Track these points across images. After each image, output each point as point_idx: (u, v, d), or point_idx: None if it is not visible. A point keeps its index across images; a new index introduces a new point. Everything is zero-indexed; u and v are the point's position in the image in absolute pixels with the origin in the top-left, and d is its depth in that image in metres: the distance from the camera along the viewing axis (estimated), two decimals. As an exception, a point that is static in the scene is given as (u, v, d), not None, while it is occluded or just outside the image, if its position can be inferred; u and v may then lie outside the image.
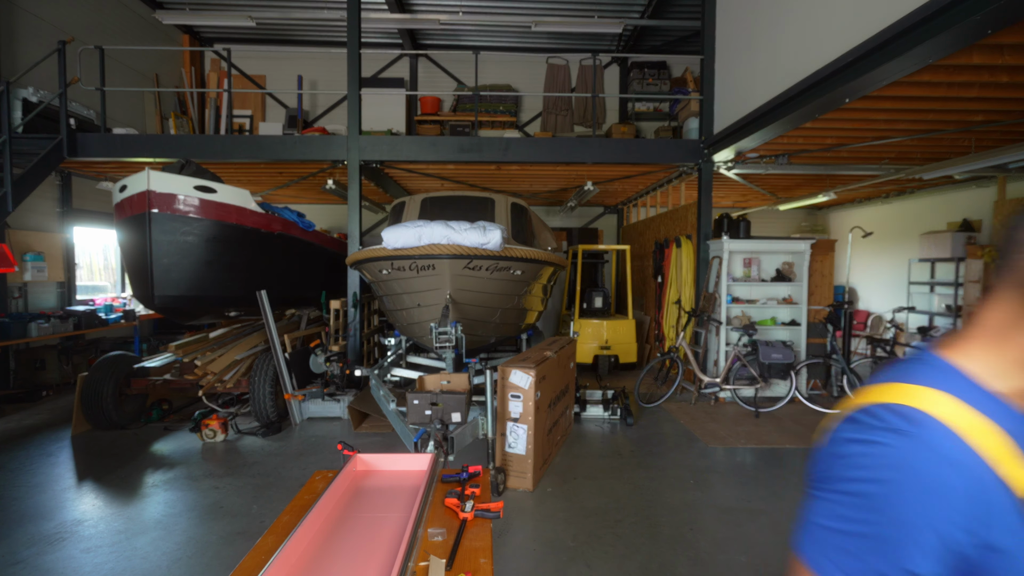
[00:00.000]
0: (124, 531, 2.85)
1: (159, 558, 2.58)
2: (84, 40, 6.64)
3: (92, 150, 5.59)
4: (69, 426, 4.61)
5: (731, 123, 5.17)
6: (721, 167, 5.99)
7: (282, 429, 4.56)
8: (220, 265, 4.84)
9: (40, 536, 2.79)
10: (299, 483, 3.36)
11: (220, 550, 2.65)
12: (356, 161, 5.68)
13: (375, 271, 4.36)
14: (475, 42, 9.08)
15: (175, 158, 5.43)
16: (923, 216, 7.68)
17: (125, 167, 6.28)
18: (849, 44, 3.39)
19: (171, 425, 4.73)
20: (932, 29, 2.76)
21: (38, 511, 3.07)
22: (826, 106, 3.83)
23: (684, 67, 9.20)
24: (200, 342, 5.02)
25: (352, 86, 5.68)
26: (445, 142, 5.78)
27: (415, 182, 7.42)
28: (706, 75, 5.78)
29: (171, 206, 4.51)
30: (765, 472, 3.68)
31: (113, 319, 6.40)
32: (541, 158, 5.85)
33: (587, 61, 8.43)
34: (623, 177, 6.97)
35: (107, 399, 4.43)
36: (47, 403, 5.44)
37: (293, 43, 9.18)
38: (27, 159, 5.20)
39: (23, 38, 6.01)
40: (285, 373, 4.63)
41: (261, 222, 5.13)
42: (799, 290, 5.70)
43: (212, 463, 3.83)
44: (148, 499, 3.26)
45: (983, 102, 3.96)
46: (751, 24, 4.89)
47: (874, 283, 8.82)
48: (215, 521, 2.95)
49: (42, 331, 5.50)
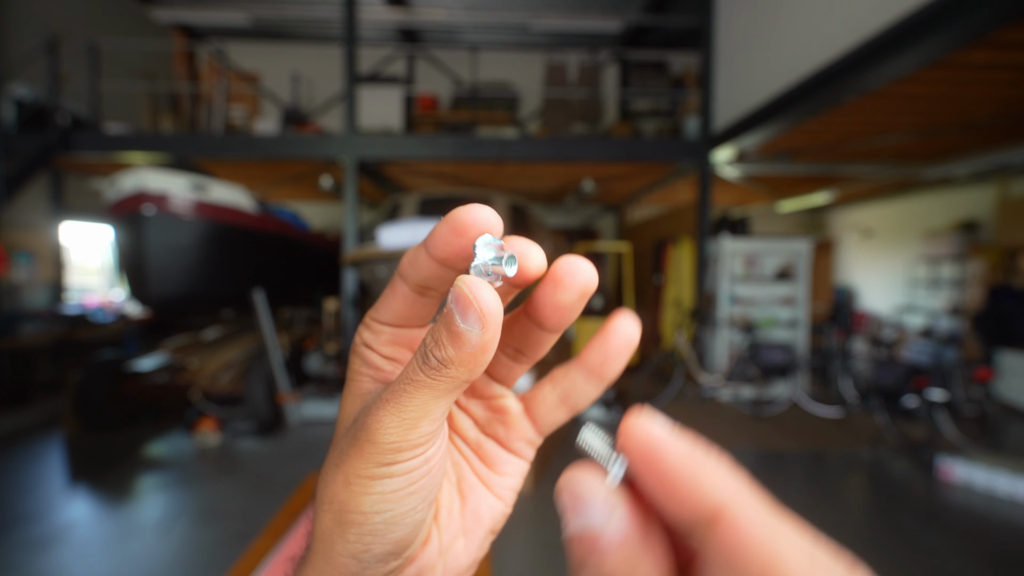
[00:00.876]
0: (117, 534, 2.80)
1: (152, 561, 2.53)
2: (77, 36, 6.58)
3: (84, 148, 5.52)
4: (60, 428, 4.54)
5: (731, 121, 5.14)
6: (721, 166, 5.96)
7: (277, 430, 4.50)
8: (215, 265, 4.79)
9: (31, 540, 2.73)
10: (294, 485, 3.31)
11: (214, 552, 2.60)
12: (353, 159, 5.63)
13: (372, 271, 4.31)
14: (473, 39, 9.05)
15: (169, 155, 5.38)
16: (924, 215, 7.67)
17: (118, 165, 6.22)
18: (850, 42, 3.36)
19: (164, 427, 4.67)
20: (934, 26, 2.73)
21: (29, 514, 3.01)
22: (827, 104, 3.80)
23: (684, 66, 9.18)
24: (194, 343, 4.97)
25: (348, 83, 5.64)
26: (443, 140, 5.74)
27: (412, 180, 7.38)
28: (706, 72, 5.75)
29: (165, 205, 4.46)
30: (765, 474, 3.65)
31: (105, 319, 6.33)
32: (540, 156, 5.81)
33: (586, 59, 8.40)
34: (622, 176, 6.94)
35: (99, 400, 4.37)
36: (37, 405, 5.38)
37: (288, 40, 9.13)
38: (19, 157, 5.13)
39: (15, 35, 5.95)
40: (280, 374, 4.58)
41: (256, 222, 5.08)
42: (799, 290, 5.67)
43: (206, 465, 3.78)
44: (141, 501, 3.21)
45: (985, 101, 3.94)
46: (752, 21, 4.87)
47: (875, 283, 8.81)
48: (209, 523, 2.90)
49: (32, 331, 5.43)
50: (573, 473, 0.18)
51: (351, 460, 0.22)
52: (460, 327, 0.19)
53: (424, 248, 0.23)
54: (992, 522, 3.00)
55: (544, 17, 7.30)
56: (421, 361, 0.21)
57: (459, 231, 0.21)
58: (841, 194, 7.70)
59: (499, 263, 0.21)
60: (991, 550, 2.70)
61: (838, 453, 4.05)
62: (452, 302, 0.20)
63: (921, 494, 3.37)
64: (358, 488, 0.22)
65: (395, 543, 0.22)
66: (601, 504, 0.16)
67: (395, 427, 0.21)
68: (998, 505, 3.17)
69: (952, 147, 5.32)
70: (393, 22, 7.50)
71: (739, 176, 6.41)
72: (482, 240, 0.21)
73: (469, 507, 0.27)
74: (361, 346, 0.26)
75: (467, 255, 0.22)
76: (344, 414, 0.26)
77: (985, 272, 6.30)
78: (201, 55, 9.13)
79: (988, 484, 3.32)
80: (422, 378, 0.20)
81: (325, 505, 0.23)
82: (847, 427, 4.63)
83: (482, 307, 0.19)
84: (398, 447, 0.21)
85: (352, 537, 0.22)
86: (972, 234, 6.64)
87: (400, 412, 0.21)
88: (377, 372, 0.26)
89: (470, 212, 0.21)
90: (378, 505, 0.21)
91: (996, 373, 4.86)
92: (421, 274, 0.23)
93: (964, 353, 5.08)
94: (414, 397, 0.21)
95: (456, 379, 0.20)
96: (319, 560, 0.23)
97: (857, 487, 3.57)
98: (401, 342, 0.26)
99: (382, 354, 0.26)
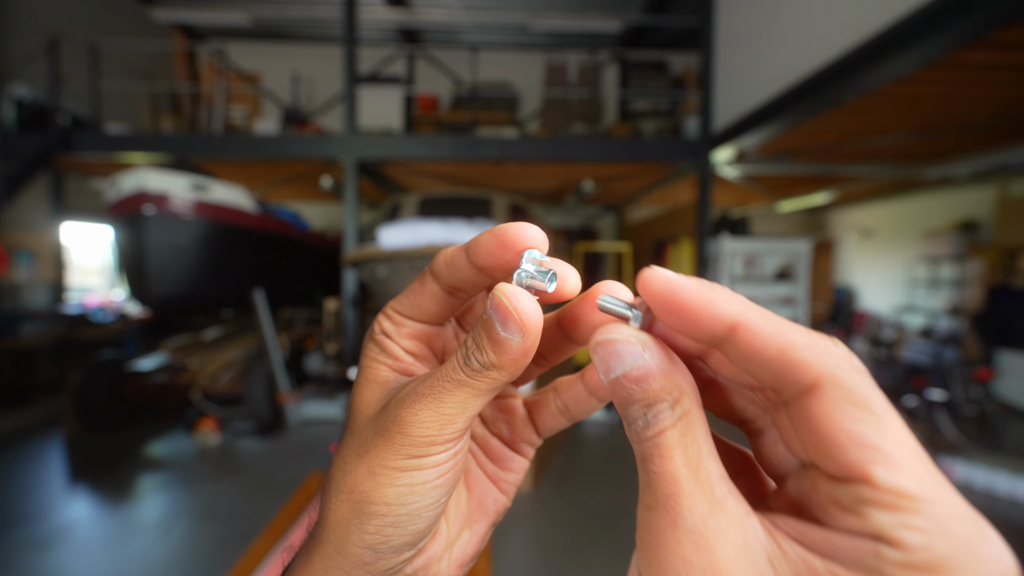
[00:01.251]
0: (117, 534, 2.80)
1: (152, 561, 2.54)
2: (77, 36, 6.58)
3: (85, 147, 5.52)
4: (60, 428, 4.55)
5: (731, 121, 5.15)
6: (721, 166, 5.97)
7: (277, 430, 4.51)
8: (215, 265, 4.79)
9: (31, 540, 2.74)
10: (294, 485, 3.31)
11: (214, 552, 2.60)
12: (353, 159, 5.63)
13: (372, 271, 4.32)
14: (473, 39, 9.05)
15: (169, 155, 5.38)
16: (923, 215, 7.67)
17: (118, 165, 6.22)
18: (850, 42, 3.36)
19: (164, 427, 4.67)
20: (933, 27, 2.73)
21: (29, 514, 3.02)
22: (826, 104, 3.80)
23: (684, 66, 9.18)
24: (194, 343, 4.97)
25: (348, 83, 5.64)
26: (443, 140, 5.74)
27: (412, 180, 7.38)
28: (706, 73, 5.75)
29: (165, 205, 4.46)
30: None
31: (105, 319, 6.33)
32: (540, 156, 5.81)
33: (586, 59, 8.40)
34: (622, 176, 6.94)
35: (99, 400, 4.37)
36: (37, 405, 5.38)
37: (288, 40, 9.13)
38: (19, 157, 5.14)
39: (15, 35, 5.95)
40: (280, 374, 4.58)
41: (256, 222, 5.08)
42: (799, 290, 5.68)
43: (206, 465, 3.78)
44: (141, 501, 3.21)
45: (985, 101, 3.94)
46: (752, 21, 4.87)
47: (874, 283, 8.81)
48: (209, 523, 2.90)
49: (32, 331, 5.43)
50: (606, 329, 0.20)
51: (378, 450, 0.22)
52: (501, 335, 0.20)
53: (465, 253, 0.23)
54: (992, 522, 2.99)
55: (544, 17, 7.30)
56: (463, 362, 0.21)
57: (505, 245, 0.22)
58: (841, 194, 7.70)
59: (540, 278, 0.21)
60: (991, 550, 2.70)
61: (838, 453, 4.04)
62: (492, 309, 0.20)
63: (921, 494, 3.37)
64: (384, 479, 0.22)
65: (415, 534, 0.23)
66: (637, 345, 0.19)
67: (431, 421, 0.21)
68: (998, 505, 3.18)
69: (952, 147, 5.32)
70: (393, 22, 7.50)
71: (739, 176, 6.41)
72: (528, 254, 0.22)
73: (475, 500, 0.28)
74: (381, 335, 0.26)
75: (508, 267, 0.22)
76: (363, 401, 0.25)
77: (985, 272, 6.30)
78: (201, 55, 9.13)
79: (988, 484, 3.32)
80: (463, 378, 0.21)
81: (344, 495, 0.23)
82: (847, 427, 4.63)
83: (523, 317, 0.20)
84: (432, 440, 0.22)
85: (372, 528, 0.22)
86: (972, 234, 6.64)
87: (438, 407, 0.21)
88: (397, 362, 0.26)
89: (519, 228, 0.22)
90: (404, 497, 0.22)
91: (996, 373, 4.86)
92: (457, 276, 0.24)
93: (964, 353, 5.08)
94: (453, 395, 0.21)
95: (497, 381, 0.21)
96: (330, 550, 0.23)
97: (857, 487, 3.57)
98: (420, 337, 0.26)
99: (402, 346, 0.26)
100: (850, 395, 0.16)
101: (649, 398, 0.18)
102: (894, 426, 0.16)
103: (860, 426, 0.16)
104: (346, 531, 0.23)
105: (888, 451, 0.15)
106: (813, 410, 0.16)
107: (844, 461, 0.15)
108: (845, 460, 0.15)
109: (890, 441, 0.15)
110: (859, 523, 0.15)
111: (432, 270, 0.24)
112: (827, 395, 0.16)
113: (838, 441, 0.16)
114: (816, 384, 0.16)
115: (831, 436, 0.16)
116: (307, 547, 0.25)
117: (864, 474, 0.15)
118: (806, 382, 0.16)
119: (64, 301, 6.58)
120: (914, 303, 7.42)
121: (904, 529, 0.15)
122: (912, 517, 0.15)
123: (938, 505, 0.15)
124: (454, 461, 0.23)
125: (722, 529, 0.16)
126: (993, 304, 5.64)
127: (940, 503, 0.15)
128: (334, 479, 0.24)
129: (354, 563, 0.23)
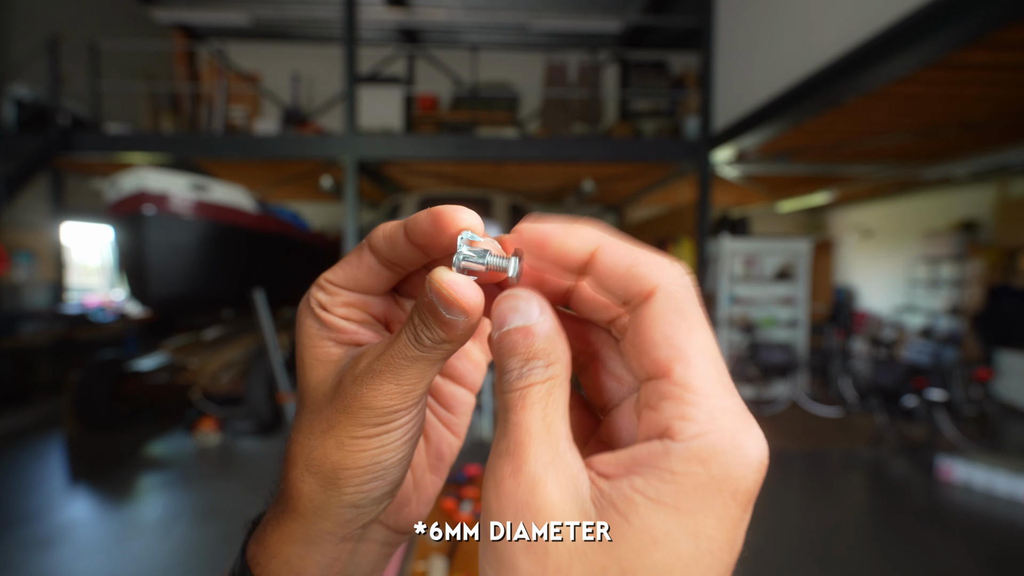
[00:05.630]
0: (117, 534, 2.80)
1: (152, 561, 2.54)
2: (77, 36, 6.58)
3: (85, 148, 5.52)
4: (60, 428, 4.55)
5: (731, 122, 5.15)
6: (721, 166, 5.97)
7: (277, 430, 4.51)
8: (215, 265, 4.79)
9: (32, 539, 2.74)
10: (295, 485, 3.31)
11: (214, 552, 2.60)
12: (353, 159, 5.63)
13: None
14: (473, 39, 9.05)
15: (169, 155, 5.38)
16: (923, 215, 7.67)
17: (118, 165, 6.22)
18: (850, 42, 3.36)
19: (164, 427, 4.67)
20: (933, 27, 2.73)
21: (29, 514, 3.02)
22: (826, 104, 3.80)
23: (684, 66, 9.18)
24: (194, 343, 4.97)
25: (348, 83, 5.64)
26: (443, 140, 5.74)
27: (412, 180, 7.38)
28: (706, 73, 5.75)
29: (166, 205, 4.46)
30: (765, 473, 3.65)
31: (105, 319, 6.33)
32: (540, 156, 5.82)
33: (586, 59, 8.40)
34: (622, 176, 6.94)
35: (99, 400, 4.37)
36: (38, 404, 5.38)
37: (288, 40, 9.13)
38: (19, 157, 5.14)
39: (15, 35, 5.95)
40: (280, 374, 4.58)
41: (256, 222, 5.08)
42: (799, 290, 5.68)
43: (206, 465, 3.78)
44: (142, 501, 3.21)
45: (984, 101, 3.94)
46: (752, 21, 4.87)
47: (874, 283, 8.81)
48: (209, 523, 2.90)
49: (32, 331, 5.43)
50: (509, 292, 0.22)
51: (343, 425, 0.24)
52: (446, 316, 0.21)
53: (404, 231, 0.23)
54: (991, 522, 3.00)
55: (544, 17, 7.30)
56: (414, 339, 0.22)
57: (441, 227, 0.22)
58: (841, 194, 7.70)
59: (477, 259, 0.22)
60: (990, 550, 2.70)
61: (838, 453, 4.05)
62: (432, 295, 0.21)
63: (920, 494, 3.37)
64: (354, 448, 0.24)
65: (392, 483, 0.25)
66: (536, 307, 0.21)
67: (393, 394, 0.23)
68: (997, 505, 3.18)
69: (952, 147, 5.32)
70: (393, 22, 7.50)
71: (739, 176, 6.41)
72: (463, 235, 0.22)
73: (432, 446, 0.31)
74: (317, 307, 0.26)
75: (444, 247, 0.23)
76: (315, 379, 0.26)
77: (985, 272, 6.30)
78: (201, 55, 9.13)
79: (987, 484, 3.32)
80: (416, 354, 0.23)
81: (315, 468, 0.24)
82: (847, 427, 4.63)
83: (464, 302, 0.21)
84: (395, 408, 0.23)
85: (351, 489, 0.24)
86: (972, 234, 6.64)
87: (397, 381, 0.23)
88: (339, 334, 0.26)
89: (453, 212, 0.22)
90: (377, 457, 0.24)
91: (995, 373, 4.86)
92: (395, 252, 0.24)
93: (964, 353, 5.09)
94: (410, 369, 0.23)
95: (449, 350, 0.23)
96: (309, 516, 0.25)
97: (857, 487, 3.58)
98: (358, 304, 0.27)
99: (337, 315, 0.26)
100: (674, 304, 0.19)
101: (530, 353, 0.20)
102: (702, 335, 0.19)
103: (674, 331, 0.19)
104: (324, 499, 0.25)
105: (689, 353, 0.18)
106: (644, 315, 0.20)
107: (655, 357, 0.19)
108: (656, 356, 0.19)
109: (695, 346, 0.18)
110: (655, 417, 0.18)
111: (370, 244, 0.25)
112: (656, 302, 0.19)
113: (655, 341, 0.19)
114: (651, 293, 0.20)
115: (651, 337, 0.19)
116: (279, 517, 0.26)
117: (667, 370, 0.18)
118: (646, 291, 0.20)
119: (64, 301, 6.58)
120: (914, 303, 7.42)
121: (683, 420, 0.17)
122: (691, 409, 0.17)
123: (715, 399, 0.18)
124: (418, 418, 0.25)
125: (559, 477, 0.18)
126: (993, 304, 5.64)
127: (717, 397, 0.18)
128: (300, 456, 0.25)
129: (337, 523, 0.25)
